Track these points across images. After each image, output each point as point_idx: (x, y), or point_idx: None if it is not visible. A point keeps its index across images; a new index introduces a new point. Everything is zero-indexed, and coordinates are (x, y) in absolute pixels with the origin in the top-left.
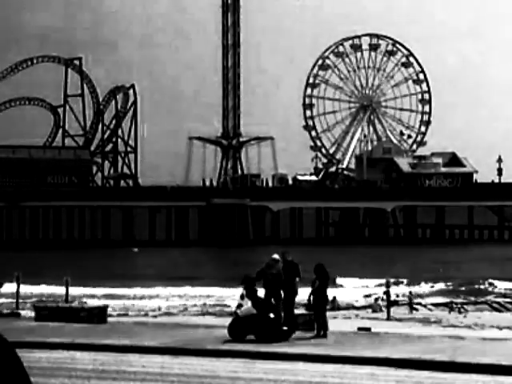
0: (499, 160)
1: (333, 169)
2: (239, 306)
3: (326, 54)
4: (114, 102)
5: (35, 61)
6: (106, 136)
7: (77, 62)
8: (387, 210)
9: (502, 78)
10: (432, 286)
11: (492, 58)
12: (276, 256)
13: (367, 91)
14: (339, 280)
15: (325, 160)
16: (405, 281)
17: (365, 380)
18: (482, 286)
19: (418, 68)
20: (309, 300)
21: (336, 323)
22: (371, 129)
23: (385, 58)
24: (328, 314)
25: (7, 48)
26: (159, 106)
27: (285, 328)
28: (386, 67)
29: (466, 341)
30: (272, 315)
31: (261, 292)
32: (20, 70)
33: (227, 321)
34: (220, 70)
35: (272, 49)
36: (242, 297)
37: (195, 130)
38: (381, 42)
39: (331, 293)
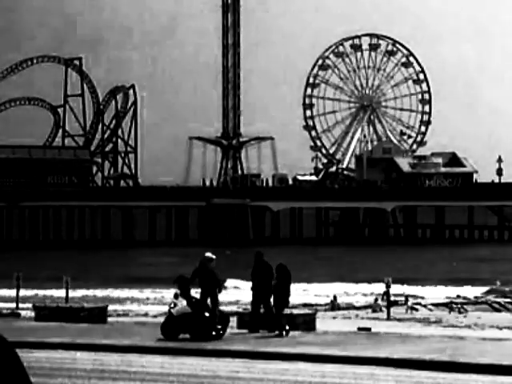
0: (499, 160)
1: (333, 169)
2: (173, 305)
3: (326, 54)
4: (114, 102)
5: (35, 61)
6: (106, 136)
7: (77, 62)
8: (387, 210)
9: (502, 78)
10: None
11: (492, 58)
12: (209, 254)
13: (367, 91)
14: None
15: (325, 160)
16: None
17: (365, 380)
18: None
19: (418, 68)
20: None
21: (336, 323)
22: (371, 129)
23: (385, 58)
24: (328, 314)
25: (7, 48)
26: (159, 105)
27: (219, 326)
28: (386, 67)
29: (465, 341)
30: (207, 314)
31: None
32: (20, 70)
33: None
34: (220, 70)
35: (272, 49)
36: (175, 296)
37: (195, 130)
38: (381, 41)
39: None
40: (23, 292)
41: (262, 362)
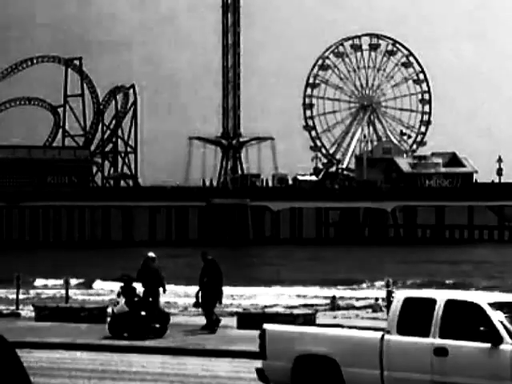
0: (499, 160)
1: (333, 169)
2: (116, 303)
3: (326, 54)
4: (114, 102)
5: (35, 61)
6: (106, 136)
7: (77, 62)
8: (387, 210)
9: (502, 78)
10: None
11: (492, 58)
12: (152, 254)
13: (367, 91)
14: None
15: (325, 160)
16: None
17: None
18: None
19: (418, 68)
20: (196, 297)
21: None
22: (371, 129)
23: (385, 58)
24: (328, 313)
25: (7, 48)
26: (159, 105)
27: (157, 325)
28: (386, 67)
29: None
30: (143, 313)
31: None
32: (20, 70)
33: (228, 321)
34: (220, 69)
35: (272, 49)
36: (118, 295)
37: (195, 130)
38: (381, 41)
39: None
40: (23, 291)
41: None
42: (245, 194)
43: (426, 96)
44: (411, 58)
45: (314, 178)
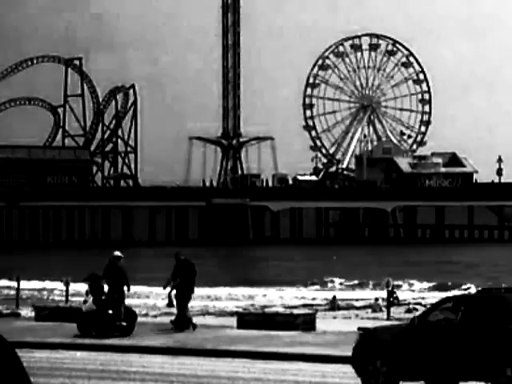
0: (499, 160)
1: (333, 169)
2: (84, 302)
3: (326, 54)
4: (114, 102)
5: (35, 61)
6: (106, 136)
7: (77, 62)
8: (387, 210)
9: (502, 77)
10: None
11: (492, 58)
12: (117, 253)
13: (367, 91)
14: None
15: (325, 160)
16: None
17: None
18: None
19: (418, 68)
20: (169, 297)
21: (336, 323)
22: (371, 129)
23: (385, 58)
24: (328, 313)
25: (7, 48)
26: (159, 106)
27: (123, 324)
28: (386, 67)
29: None
30: (110, 311)
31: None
32: (20, 70)
33: (228, 321)
34: (220, 69)
35: (272, 49)
36: (86, 293)
37: (195, 130)
38: (381, 41)
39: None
40: (23, 291)
41: (262, 361)
42: (245, 193)
43: (426, 96)
44: (411, 58)
45: (314, 177)
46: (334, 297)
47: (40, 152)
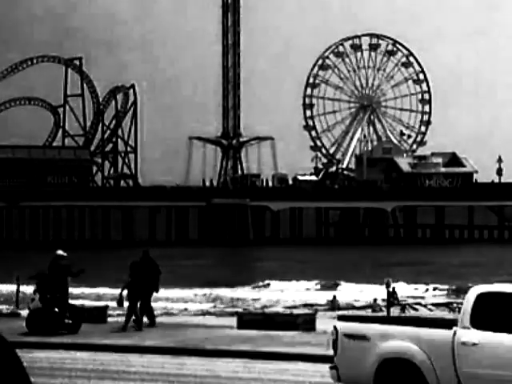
0: (499, 160)
1: (333, 169)
2: (32, 300)
3: (326, 54)
4: (114, 102)
5: (35, 61)
6: (106, 136)
7: (77, 62)
8: (387, 210)
9: (502, 77)
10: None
11: (492, 58)
12: (60, 252)
13: (367, 91)
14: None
15: (325, 160)
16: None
17: None
18: None
19: (417, 68)
20: (120, 295)
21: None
22: (371, 129)
23: (385, 58)
24: (328, 314)
25: (7, 48)
26: (159, 106)
27: (69, 321)
28: (386, 67)
29: None
30: (56, 309)
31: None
32: (20, 70)
33: (228, 321)
34: (220, 69)
35: (272, 48)
36: (34, 292)
37: (195, 130)
38: (381, 41)
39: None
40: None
41: (262, 361)
42: (245, 193)
43: (426, 96)
44: (411, 58)
45: (314, 177)
46: (334, 297)
47: (40, 152)
